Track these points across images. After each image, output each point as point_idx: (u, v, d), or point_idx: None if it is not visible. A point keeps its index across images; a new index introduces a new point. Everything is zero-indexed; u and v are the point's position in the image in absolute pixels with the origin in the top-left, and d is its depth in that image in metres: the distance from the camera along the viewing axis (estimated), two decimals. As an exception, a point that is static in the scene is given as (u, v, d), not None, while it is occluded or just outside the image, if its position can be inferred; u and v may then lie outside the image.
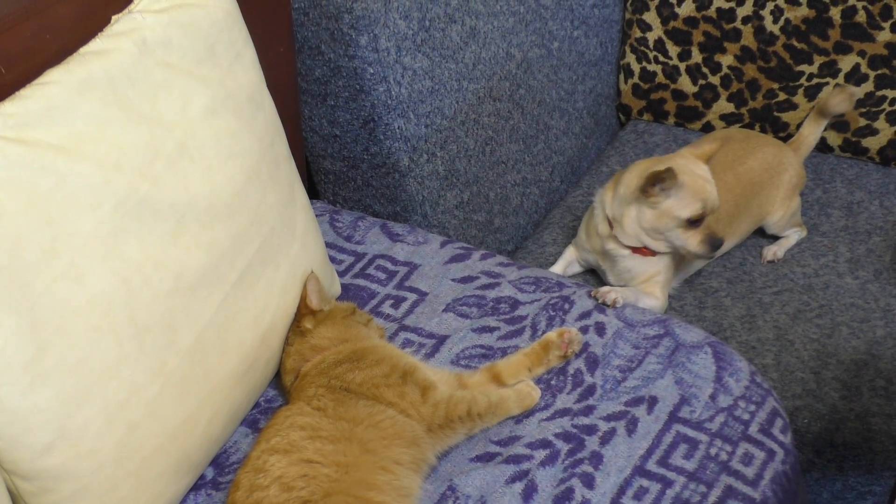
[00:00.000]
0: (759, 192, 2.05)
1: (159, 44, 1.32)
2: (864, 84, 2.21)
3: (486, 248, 2.16)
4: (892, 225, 2.13)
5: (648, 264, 1.93)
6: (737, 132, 2.22)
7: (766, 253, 2.12)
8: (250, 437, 1.49)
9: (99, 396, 1.22)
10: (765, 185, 2.06)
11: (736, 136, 2.15)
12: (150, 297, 1.27)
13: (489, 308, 1.67)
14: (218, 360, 1.38)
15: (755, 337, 1.92)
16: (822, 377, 1.84)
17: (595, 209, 1.98)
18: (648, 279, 1.94)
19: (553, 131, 2.31)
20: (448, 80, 1.96)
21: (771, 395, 1.57)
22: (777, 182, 2.07)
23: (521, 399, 1.50)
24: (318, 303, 1.53)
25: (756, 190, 2.04)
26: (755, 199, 2.05)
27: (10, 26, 1.26)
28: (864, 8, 2.17)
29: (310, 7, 1.81)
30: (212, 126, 1.37)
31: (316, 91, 1.90)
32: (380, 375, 1.45)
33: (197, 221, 1.34)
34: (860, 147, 2.27)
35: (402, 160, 1.92)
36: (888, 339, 1.89)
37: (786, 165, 2.09)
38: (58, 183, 1.18)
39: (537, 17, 2.20)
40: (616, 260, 1.96)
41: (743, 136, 2.15)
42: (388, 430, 1.38)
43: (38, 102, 1.19)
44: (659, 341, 1.60)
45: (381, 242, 1.81)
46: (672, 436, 1.47)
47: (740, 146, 2.08)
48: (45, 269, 1.17)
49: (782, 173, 2.08)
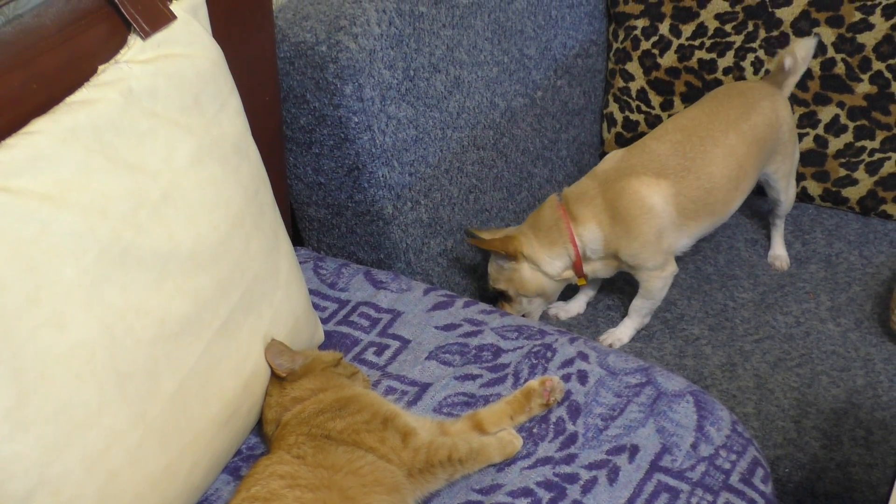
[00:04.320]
0: (764, 149, 2.06)
1: (145, 93, 1.33)
2: (843, 135, 2.23)
3: (470, 295, 2.17)
4: (871, 275, 2.14)
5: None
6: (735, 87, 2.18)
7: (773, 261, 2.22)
8: (232, 485, 1.48)
9: (79, 444, 1.22)
10: (767, 141, 2.06)
11: (733, 93, 2.11)
12: (132, 345, 1.27)
13: (472, 356, 1.67)
14: (200, 408, 1.38)
15: (736, 385, 1.93)
16: (802, 426, 1.85)
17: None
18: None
19: (536, 179, 2.33)
20: (432, 128, 1.98)
21: (752, 445, 1.57)
22: (776, 137, 2.08)
23: (503, 447, 1.50)
24: (286, 367, 1.52)
25: (761, 146, 2.05)
26: (760, 156, 2.05)
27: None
28: (843, 60, 2.20)
29: (295, 56, 1.82)
30: (197, 175, 1.38)
31: (301, 139, 1.91)
32: (361, 421, 1.44)
33: (180, 269, 1.34)
34: (840, 197, 2.30)
35: (386, 208, 1.93)
36: (868, 389, 1.89)
37: (781, 116, 2.09)
38: (42, 231, 1.19)
39: (521, 67, 2.22)
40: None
41: (740, 93, 2.10)
42: (368, 476, 1.38)
43: (23, 151, 1.20)
44: (641, 389, 1.60)
45: (365, 289, 1.82)
46: (653, 485, 1.47)
47: (741, 102, 2.06)
48: (28, 317, 1.17)
49: (781, 125, 2.09)
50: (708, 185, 1.97)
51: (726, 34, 2.30)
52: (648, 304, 2.05)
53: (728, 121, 2.01)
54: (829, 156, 2.27)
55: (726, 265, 2.22)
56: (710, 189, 1.98)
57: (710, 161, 1.98)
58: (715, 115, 2.03)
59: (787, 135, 2.11)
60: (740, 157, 2.00)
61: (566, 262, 2.01)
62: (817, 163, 2.28)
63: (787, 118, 2.10)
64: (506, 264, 2.03)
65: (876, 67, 2.17)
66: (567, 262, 2.01)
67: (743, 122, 2.02)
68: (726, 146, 1.99)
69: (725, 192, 2.01)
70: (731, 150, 1.99)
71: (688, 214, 1.98)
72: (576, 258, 2.00)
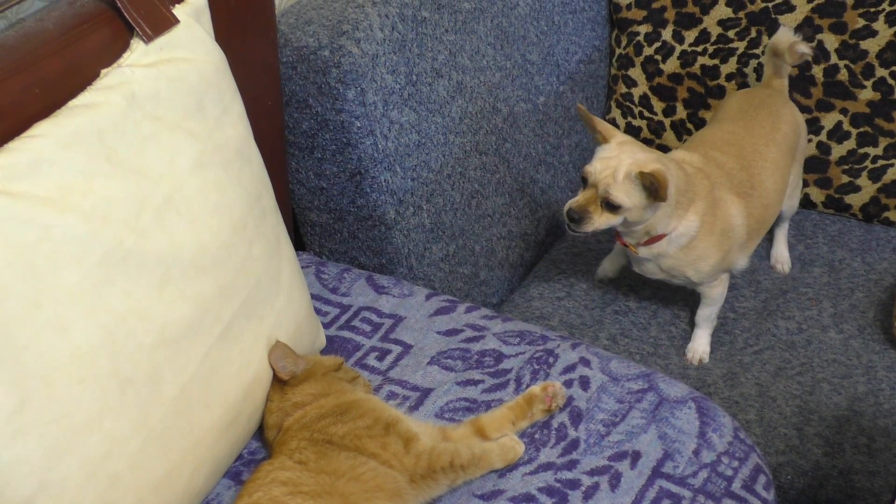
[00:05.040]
0: (794, 156, 2.06)
1: (148, 97, 1.33)
2: (846, 142, 2.23)
3: (472, 300, 2.16)
4: (874, 282, 2.14)
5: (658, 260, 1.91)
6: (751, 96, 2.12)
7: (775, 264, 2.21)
8: (233, 490, 1.48)
9: (81, 449, 1.21)
10: (793, 149, 2.05)
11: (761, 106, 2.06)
12: (134, 350, 1.27)
13: (474, 361, 1.67)
14: (201, 413, 1.38)
15: (738, 392, 1.93)
16: (804, 433, 1.84)
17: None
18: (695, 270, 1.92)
19: (539, 185, 2.33)
20: (435, 133, 1.98)
21: (754, 452, 1.57)
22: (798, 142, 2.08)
23: (505, 453, 1.49)
24: (289, 370, 1.52)
25: (792, 155, 2.05)
26: (792, 164, 2.05)
27: (0, 80, 1.27)
28: (846, 66, 2.20)
29: (298, 61, 1.82)
30: (199, 179, 1.38)
31: (303, 144, 1.91)
32: (362, 427, 1.44)
33: (182, 274, 1.34)
34: (843, 204, 2.29)
35: (388, 213, 1.93)
36: (870, 396, 1.89)
37: (799, 121, 2.09)
38: (44, 235, 1.19)
39: (524, 73, 2.22)
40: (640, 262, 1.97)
41: (765, 103, 2.06)
42: (370, 482, 1.38)
43: (25, 155, 1.20)
44: (643, 396, 1.60)
45: (367, 294, 1.82)
46: (655, 491, 1.47)
47: (769, 114, 2.02)
48: (30, 321, 1.17)
49: (801, 132, 2.09)
50: (767, 201, 1.96)
51: (729, 40, 2.30)
52: (713, 309, 2.02)
53: (764, 133, 1.99)
54: (832, 162, 2.26)
55: (729, 272, 2.22)
56: (768, 205, 1.97)
57: (766, 177, 1.96)
58: (752, 129, 2.00)
59: (804, 139, 2.11)
60: (783, 169, 2.00)
61: (673, 224, 1.85)
62: (820, 169, 2.28)
63: (802, 121, 2.11)
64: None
65: (879, 74, 2.17)
66: (673, 224, 1.85)
67: (776, 133, 2.00)
68: (772, 160, 1.98)
69: (776, 207, 2.01)
70: (776, 164, 1.98)
71: (752, 234, 1.95)
72: (655, 236, 1.86)
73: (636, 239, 1.87)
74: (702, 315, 2.03)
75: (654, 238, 1.86)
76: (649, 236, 1.85)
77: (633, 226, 1.82)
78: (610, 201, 1.75)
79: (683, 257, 1.88)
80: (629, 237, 1.88)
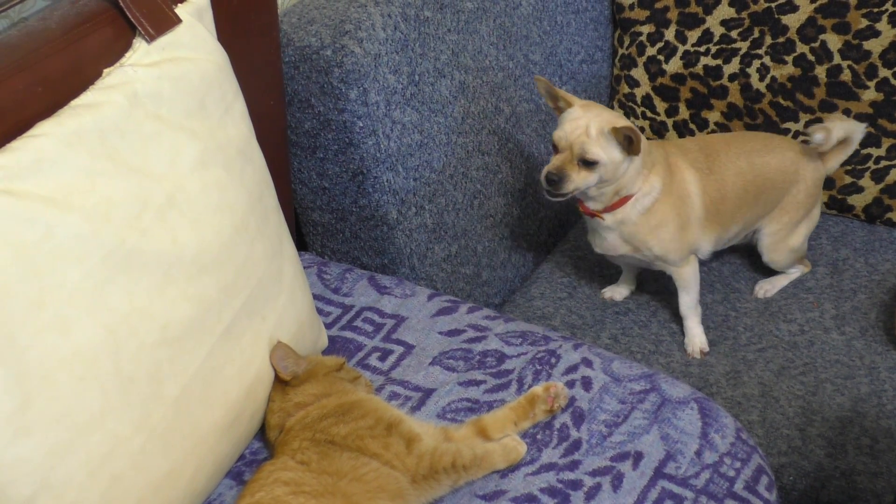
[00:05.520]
0: (769, 190, 2.05)
1: (150, 97, 1.33)
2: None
3: (474, 301, 2.16)
4: (877, 283, 2.14)
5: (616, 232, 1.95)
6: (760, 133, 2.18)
7: (758, 289, 2.15)
8: (235, 490, 1.48)
9: (83, 448, 1.21)
10: (775, 187, 2.05)
11: (759, 135, 2.14)
12: (135, 349, 1.27)
13: (476, 361, 1.67)
14: (203, 413, 1.38)
15: (740, 393, 1.93)
16: (807, 434, 1.84)
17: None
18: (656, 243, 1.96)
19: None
20: (437, 133, 1.98)
21: (756, 452, 1.57)
22: (786, 189, 2.07)
23: (507, 453, 1.49)
24: (291, 370, 1.52)
25: (766, 186, 2.04)
26: (763, 195, 2.05)
27: (3, 79, 1.27)
28: (849, 67, 2.19)
29: (300, 61, 1.82)
30: (201, 178, 1.38)
31: (305, 144, 1.91)
32: (365, 427, 1.44)
33: (184, 273, 1.34)
34: (846, 204, 2.29)
35: (390, 213, 1.93)
36: (872, 397, 1.89)
37: (801, 176, 2.07)
38: (46, 234, 1.19)
39: (526, 73, 2.22)
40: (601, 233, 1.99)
41: (766, 137, 2.12)
42: (372, 482, 1.38)
43: (28, 154, 1.20)
44: (645, 396, 1.60)
45: (369, 295, 1.82)
46: (657, 492, 1.46)
47: (762, 142, 2.07)
48: (32, 320, 1.17)
49: (796, 183, 2.07)
50: (724, 192, 1.99)
51: (732, 40, 2.30)
52: (692, 296, 2.05)
53: (743, 150, 2.03)
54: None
55: (731, 275, 2.22)
56: (725, 198, 1.99)
57: (724, 170, 2.00)
58: (733, 142, 2.06)
59: (802, 195, 2.08)
60: (747, 182, 2.01)
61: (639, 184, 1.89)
62: (823, 170, 2.28)
63: (809, 181, 2.08)
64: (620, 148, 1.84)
65: (882, 74, 2.17)
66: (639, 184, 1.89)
67: (757, 156, 2.03)
68: (737, 167, 2.01)
69: (732, 207, 2.01)
70: (740, 172, 2.01)
71: (709, 216, 1.99)
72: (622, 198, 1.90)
73: (603, 203, 1.90)
74: (683, 304, 2.05)
75: (619, 201, 1.90)
76: (618, 197, 1.89)
77: (605, 186, 1.86)
78: (587, 158, 1.81)
79: (644, 223, 1.92)
80: (596, 201, 1.90)
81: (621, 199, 1.89)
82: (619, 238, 1.96)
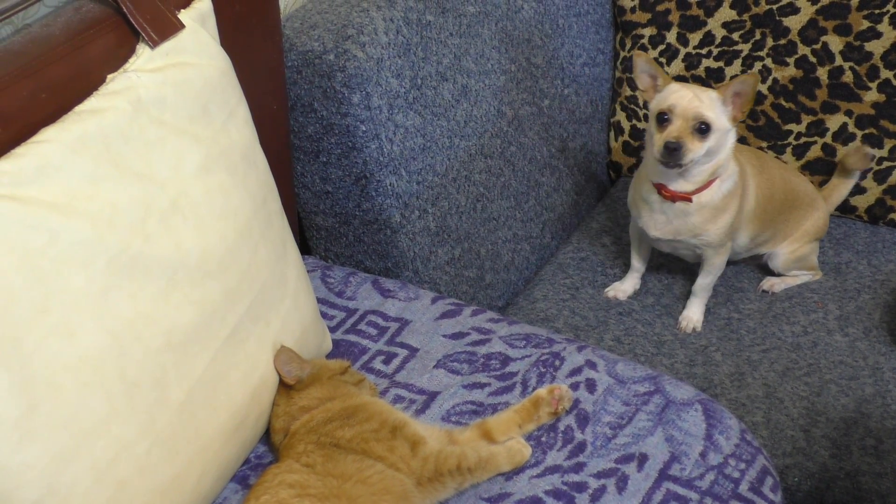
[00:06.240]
0: (792, 208, 2.13)
1: (153, 102, 1.34)
2: (851, 143, 2.23)
3: (477, 304, 2.16)
4: (880, 283, 2.14)
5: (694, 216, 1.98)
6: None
7: (764, 282, 2.18)
8: (240, 494, 1.48)
9: (88, 453, 1.22)
10: (797, 208, 2.14)
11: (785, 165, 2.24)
12: (140, 354, 1.27)
13: (480, 364, 1.67)
14: (208, 417, 1.38)
15: (745, 394, 1.93)
16: (811, 435, 1.84)
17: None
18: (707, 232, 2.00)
19: (544, 188, 2.33)
20: (440, 137, 1.98)
21: (761, 454, 1.57)
22: (804, 215, 2.15)
23: (512, 456, 1.49)
24: (295, 374, 1.52)
25: (791, 203, 2.12)
26: (786, 211, 2.12)
27: (7, 85, 1.27)
28: (850, 68, 2.19)
29: (303, 65, 1.83)
30: (205, 183, 1.38)
31: (308, 148, 1.91)
32: (369, 430, 1.44)
33: (188, 278, 1.34)
34: (848, 206, 2.29)
35: (393, 216, 1.93)
36: (877, 398, 1.89)
37: (816, 207, 2.17)
38: (51, 240, 1.19)
39: (528, 76, 2.22)
40: (655, 215, 2.02)
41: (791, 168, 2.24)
42: (377, 485, 1.38)
43: (32, 160, 1.20)
44: (649, 398, 1.60)
45: (373, 298, 1.82)
46: (662, 494, 1.46)
47: (790, 170, 2.19)
48: (37, 326, 1.17)
49: (812, 212, 2.16)
50: (772, 190, 2.07)
51: (734, 42, 2.30)
52: (712, 279, 2.10)
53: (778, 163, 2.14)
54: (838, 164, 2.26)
55: (734, 277, 2.22)
56: (771, 196, 2.07)
57: (773, 172, 2.09)
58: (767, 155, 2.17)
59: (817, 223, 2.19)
60: (787, 189, 2.11)
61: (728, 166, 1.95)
62: (825, 172, 2.28)
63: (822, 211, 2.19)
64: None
65: (884, 76, 2.17)
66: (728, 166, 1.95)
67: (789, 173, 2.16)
68: (780, 173, 2.12)
69: (776, 208, 2.09)
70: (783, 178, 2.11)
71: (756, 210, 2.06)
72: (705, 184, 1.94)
73: (697, 183, 1.92)
74: (700, 284, 2.10)
75: (707, 184, 1.93)
76: (711, 178, 1.92)
77: (707, 161, 1.89)
78: (704, 121, 1.84)
79: (721, 206, 1.96)
80: (693, 180, 1.92)
81: (709, 181, 1.93)
82: (685, 223, 1.99)
